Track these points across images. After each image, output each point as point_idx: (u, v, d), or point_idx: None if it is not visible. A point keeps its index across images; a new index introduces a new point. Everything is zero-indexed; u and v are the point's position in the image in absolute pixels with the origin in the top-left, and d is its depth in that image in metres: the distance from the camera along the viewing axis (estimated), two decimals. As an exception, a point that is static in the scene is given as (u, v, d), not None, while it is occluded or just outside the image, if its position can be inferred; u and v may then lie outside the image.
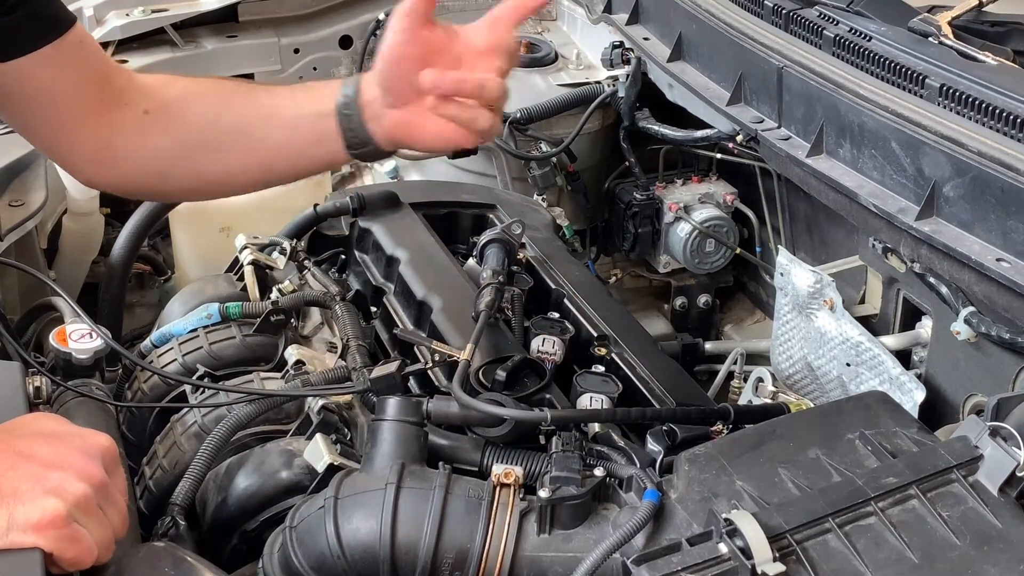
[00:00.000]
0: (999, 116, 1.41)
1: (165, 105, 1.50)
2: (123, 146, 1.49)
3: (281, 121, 1.48)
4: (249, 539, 1.38)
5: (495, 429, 1.30)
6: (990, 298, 1.38)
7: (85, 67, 1.46)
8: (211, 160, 1.51)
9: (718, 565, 1.01)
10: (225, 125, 1.49)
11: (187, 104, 1.50)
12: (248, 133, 1.49)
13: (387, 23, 1.60)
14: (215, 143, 1.49)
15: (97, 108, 1.47)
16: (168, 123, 1.49)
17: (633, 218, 2.25)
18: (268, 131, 1.49)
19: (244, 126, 1.49)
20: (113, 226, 2.36)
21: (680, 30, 2.03)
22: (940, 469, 1.12)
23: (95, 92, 1.47)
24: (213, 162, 1.51)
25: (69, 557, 1.01)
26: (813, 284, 1.64)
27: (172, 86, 1.53)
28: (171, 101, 1.51)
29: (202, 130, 1.49)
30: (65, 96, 1.45)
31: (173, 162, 1.50)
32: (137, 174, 1.52)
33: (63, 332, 1.52)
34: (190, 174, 1.52)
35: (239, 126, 1.49)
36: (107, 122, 1.47)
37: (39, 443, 1.05)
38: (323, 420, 1.44)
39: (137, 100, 1.49)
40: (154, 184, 1.55)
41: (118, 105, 1.48)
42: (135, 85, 1.51)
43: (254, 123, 1.49)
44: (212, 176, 1.54)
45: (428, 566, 1.14)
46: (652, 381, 1.52)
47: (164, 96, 1.51)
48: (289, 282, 1.79)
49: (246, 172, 1.56)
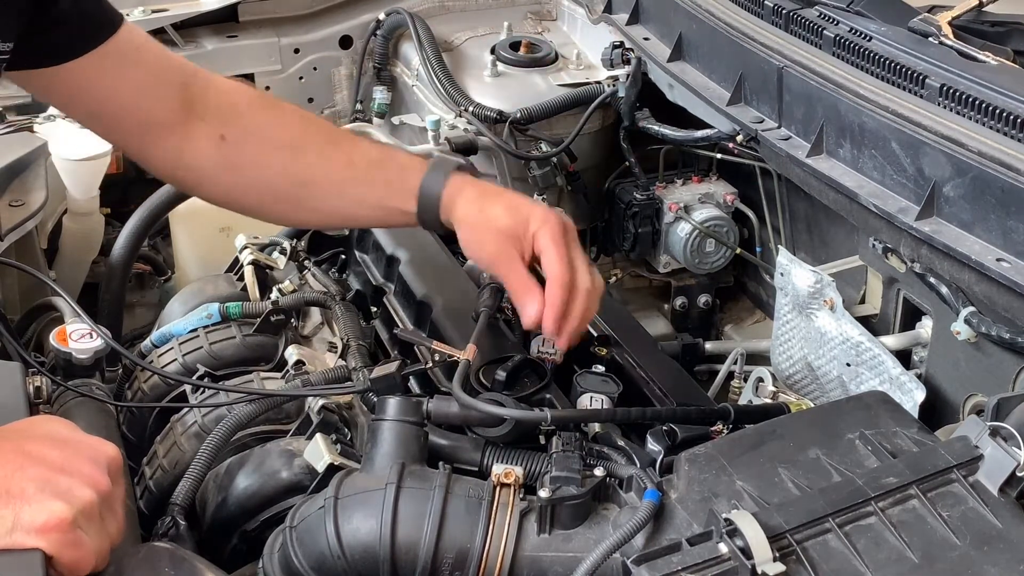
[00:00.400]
0: (999, 116, 1.41)
1: (244, 138, 1.50)
2: (195, 167, 1.52)
3: (358, 201, 1.53)
4: (249, 539, 1.38)
5: (495, 429, 1.30)
6: (990, 298, 1.38)
7: (146, 70, 1.45)
8: (277, 205, 1.57)
9: (718, 565, 1.01)
10: (301, 185, 1.52)
11: (267, 151, 1.51)
12: (322, 200, 1.54)
13: (386, 23, 1.63)
14: (285, 196, 1.54)
15: (168, 115, 1.47)
16: (243, 162, 1.51)
17: (633, 218, 2.25)
18: (343, 204, 1.55)
19: (319, 194, 1.53)
20: (113, 226, 2.35)
21: (680, 30, 2.03)
22: (940, 469, 1.12)
23: (163, 97, 1.46)
24: (278, 207, 1.57)
25: (68, 562, 1.01)
26: (813, 284, 1.64)
27: (254, 116, 1.52)
28: (251, 137, 1.51)
29: (276, 184, 1.52)
30: (128, 101, 1.45)
31: (240, 194, 1.56)
32: (204, 192, 1.59)
33: (63, 332, 1.52)
34: (253, 206, 1.59)
35: (315, 193, 1.53)
36: (181, 133, 1.48)
37: (49, 447, 1.05)
38: (323, 420, 1.44)
39: (215, 117, 1.49)
40: (220, 201, 1.60)
41: (192, 117, 1.48)
42: (213, 96, 1.50)
43: (330, 193, 1.53)
44: (273, 215, 1.63)
45: (428, 566, 1.14)
46: (652, 381, 1.52)
47: (246, 127, 1.51)
48: (289, 282, 1.80)
49: (307, 222, 1.73)
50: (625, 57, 2.23)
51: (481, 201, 1.46)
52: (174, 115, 1.47)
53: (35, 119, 2.30)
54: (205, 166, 1.51)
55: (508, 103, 2.34)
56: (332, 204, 1.54)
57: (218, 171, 1.52)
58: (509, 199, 1.47)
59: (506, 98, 2.36)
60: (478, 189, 1.48)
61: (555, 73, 2.46)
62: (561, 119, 2.36)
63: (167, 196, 2.10)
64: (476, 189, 1.48)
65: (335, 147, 1.53)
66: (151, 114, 1.47)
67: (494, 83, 2.43)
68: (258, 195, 1.55)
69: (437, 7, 2.75)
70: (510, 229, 1.43)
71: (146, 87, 1.45)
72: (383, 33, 2.67)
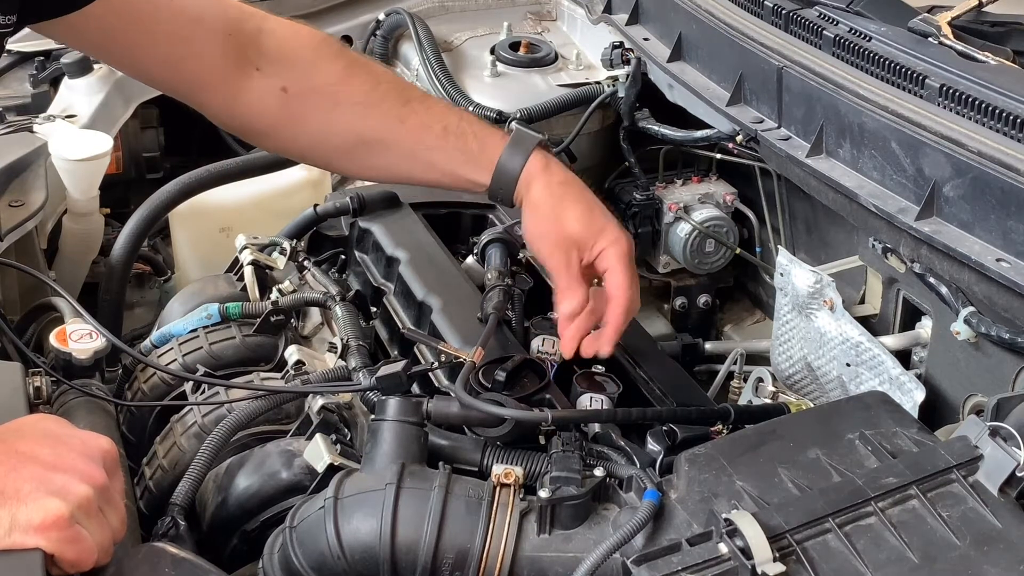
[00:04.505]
0: (999, 116, 1.41)
1: (309, 92, 1.44)
2: (252, 120, 1.46)
3: (428, 165, 1.48)
4: (249, 539, 1.38)
5: (495, 429, 1.30)
6: (990, 298, 1.38)
7: (174, 23, 1.39)
8: (340, 160, 1.53)
9: (718, 565, 1.01)
10: (369, 144, 1.47)
11: (334, 106, 1.45)
12: (390, 159, 1.49)
13: (386, 23, 1.62)
14: (351, 152, 1.49)
15: (209, 71, 1.41)
16: (306, 116, 1.45)
17: (633, 218, 2.25)
18: (411, 165, 1.50)
19: (387, 153, 1.48)
20: (113, 226, 2.35)
21: (680, 30, 2.03)
22: (940, 469, 1.12)
23: (200, 54, 1.40)
24: (341, 161, 1.54)
25: (70, 558, 1.01)
26: (813, 284, 1.64)
27: (320, 68, 1.45)
28: (316, 91, 1.44)
29: (342, 141, 1.48)
30: (160, 55, 1.40)
31: (303, 147, 1.51)
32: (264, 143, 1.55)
33: (63, 332, 1.52)
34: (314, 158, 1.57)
35: (383, 152, 1.48)
36: (232, 87, 1.42)
37: (41, 445, 1.05)
38: (323, 420, 1.44)
39: (274, 67, 1.43)
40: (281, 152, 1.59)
41: (244, 68, 1.42)
42: (272, 43, 1.44)
43: (400, 155, 1.48)
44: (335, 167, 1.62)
45: (428, 566, 1.14)
46: (652, 381, 1.52)
47: (311, 79, 1.44)
48: (289, 282, 1.79)
49: (369, 176, 1.65)
50: (625, 57, 2.23)
51: (559, 196, 1.43)
52: (218, 70, 1.42)
53: (35, 119, 2.30)
54: (263, 118, 1.46)
55: (508, 103, 2.34)
56: (400, 165, 1.50)
57: (279, 124, 1.47)
58: (586, 203, 1.44)
59: (506, 98, 2.36)
60: (558, 178, 1.45)
61: (555, 73, 2.46)
62: (561, 119, 2.36)
63: (167, 196, 2.11)
64: (556, 177, 1.44)
65: (409, 108, 1.47)
66: (190, 70, 1.42)
67: (494, 83, 2.43)
68: (322, 149, 1.51)
69: (437, 7, 2.75)
70: (579, 236, 1.41)
71: (178, 41, 1.40)
72: (383, 33, 2.67)
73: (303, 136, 1.50)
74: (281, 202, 2.26)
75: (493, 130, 1.51)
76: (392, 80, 1.53)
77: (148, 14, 1.39)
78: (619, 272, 1.40)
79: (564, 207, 1.42)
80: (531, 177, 1.44)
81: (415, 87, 1.58)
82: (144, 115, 2.54)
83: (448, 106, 1.56)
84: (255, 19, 1.46)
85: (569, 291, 1.42)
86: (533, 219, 1.45)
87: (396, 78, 1.57)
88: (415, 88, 1.58)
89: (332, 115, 1.46)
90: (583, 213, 1.42)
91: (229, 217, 2.27)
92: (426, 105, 1.50)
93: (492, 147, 1.45)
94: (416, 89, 1.57)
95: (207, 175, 2.12)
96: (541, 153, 1.46)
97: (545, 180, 1.43)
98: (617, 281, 1.40)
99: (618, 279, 1.40)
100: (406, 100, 1.49)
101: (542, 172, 1.44)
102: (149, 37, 1.40)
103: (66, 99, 2.40)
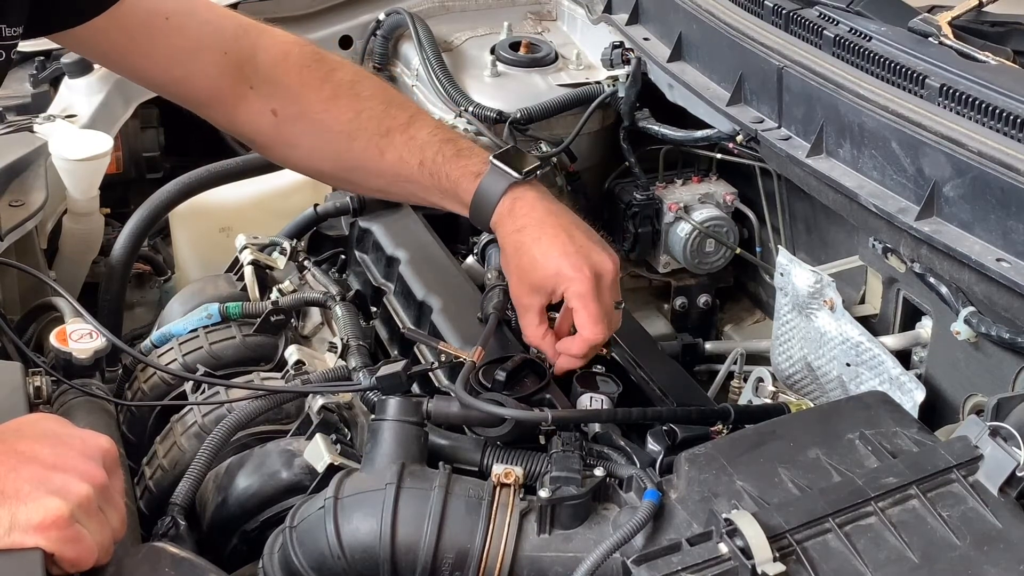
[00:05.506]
0: (999, 116, 1.41)
1: (296, 118, 1.51)
2: (250, 134, 1.55)
3: (410, 193, 1.58)
4: (249, 539, 1.38)
5: (495, 429, 1.31)
6: (990, 298, 1.38)
7: (172, 41, 1.44)
8: (333, 180, 1.67)
9: (718, 565, 1.01)
10: (353, 170, 1.57)
11: (320, 134, 1.51)
12: (374, 185, 1.60)
13: (386, 23, 1.64)
14: (339, 176, 1.62)
15: (207, 88, 1.48)
16: (296, 141, 1.52)
17: (633, 218, 2.25)
18: (395, 192, 1.61)
19: (371, 179, 1.58)
20: (113, 226, 2.35)
21: (680, 30, 2.03)
22: (940, 469, 1.12)
23: (199, 73, 1.46)
24: (334, 181, 1.68)
25: (70, 558, 1.01)
26: (813, 284, 1.64)
27: (306, 96, 1.50)
28: (303, 118, 1.51)
29: (329, 165, 1.58)
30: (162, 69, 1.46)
31: (296, 165, 1.62)
32: (266, 156, 1.64)
33: (63, 332, 1.52)
34: (311, 175, 1.67)
35: (367, 177, 1.58)
36: (230, 103, 1.49)
37: (41, 445, 1.05)
38: (323, 420, 1.44)
39: (264, 88, 1.49)
40: (282, 165, 1.68)
41: (240, 84, 1.48)
42: (263, 61, 1.49)
43: (382, 182, 1.58)
44: (331, 184, 1.73)
45: (428, 566, 1.14)
46: (652, 381, 1.52)
47: (298, 107, 1.50)
48: (289, 282, 1.80)
49: (364, 193, 1.79)
50: (625, 57, 2.23)
51: (515, 246, 1.46)
52: (216, 88, 1.47)
53: (35, 119, 2.30)
54: (260, 135, 1.55)
55: (508, 103, 2.34)
56: (387, 190, 1.62)
57: (273, 144, 1.56)
58: (544, 246, 1.44)
59: (506, 98, 2.36)
60: (520, 223, 1.46)
61: (555, 73, 2.45)
62: (561, 119, 2.36)
63: (167, 196, 2.11)
64: (522, 220, 1.46)
65: (388, 140, 1.52)
66: (191, 87, 1.48)
67: (494, 83, 2.43)
68: (314, 169, 1.61)
69: (437, 7, 2.75)
70: (539, 283, 1.44)
71: (178, 62, 1.46)
72: (383, 33, 2.67)
73: (295, 156, 1.58)
74: (281, 202, 2.26)
75: (470, 162, 1.51)
76: (374, 107, 1.54)
77: (149, 33, 1.44)
78: (581, 313, 1.43)
79: (523, 252, 1.45)
80: (498, 221, 1.48)
81: (399, 110, 1.55)
82: (144, 115, 2.54)
83: (431, 132, 1.54)
84: (251, 35, 1.51)
85: (533, 340, 1.49)
86: (502, 258, 1.51)
87: (379, 102, 1.55)
88: (400, 111, 1.56)
89: (319, 141, 1.53)
90: (539, 256, 1.44)
91: (229, 217, 2.27)
92: (407, 136, 1.53)
93: (464, 189, 1.50)
94: (400, 113, 1.55)
95: (207, 175, 2.11)
96: (510, 195, 1.47)
97: (509, 226, 1.47)
98: (580, 321, 1.43)
99: (581, 319, 1.43)
100: (386, 131, 1.53)
101: (507, 217, 1.47)
102: (150, 56, 1.46)
103: (66, 99, 2.40)
